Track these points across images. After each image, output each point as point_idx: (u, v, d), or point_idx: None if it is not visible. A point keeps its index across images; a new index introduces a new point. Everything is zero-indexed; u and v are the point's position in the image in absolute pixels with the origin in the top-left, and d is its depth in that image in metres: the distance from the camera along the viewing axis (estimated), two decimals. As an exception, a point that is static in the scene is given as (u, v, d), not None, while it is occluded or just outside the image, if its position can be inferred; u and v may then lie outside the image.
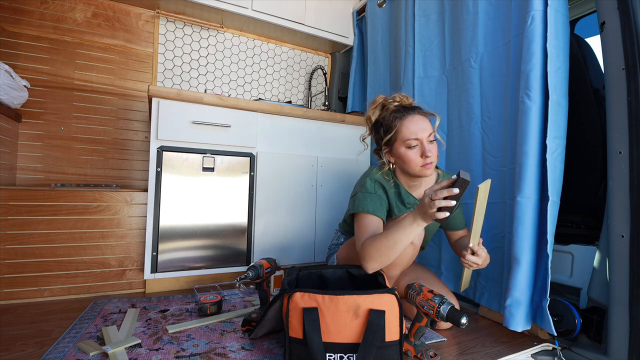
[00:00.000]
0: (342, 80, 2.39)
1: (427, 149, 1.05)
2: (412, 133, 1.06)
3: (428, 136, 1.06)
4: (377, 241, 0.96)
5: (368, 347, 0.77)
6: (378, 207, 1.08)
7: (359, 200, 1.10)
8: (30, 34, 1.72)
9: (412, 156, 1.06)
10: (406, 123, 1.07)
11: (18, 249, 1.27)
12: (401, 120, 1.08)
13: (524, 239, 1.05)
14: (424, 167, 1.06)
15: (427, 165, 1.06)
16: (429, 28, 1.60)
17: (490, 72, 1.31)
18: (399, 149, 1.09)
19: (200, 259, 1.50)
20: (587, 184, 1.24)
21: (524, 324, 1.05)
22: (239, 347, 0.96)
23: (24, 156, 1.70)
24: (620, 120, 0.94)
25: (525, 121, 1.06)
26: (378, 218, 1.07)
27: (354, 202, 1.13)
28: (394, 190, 1.15)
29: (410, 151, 1.06)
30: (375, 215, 1.07)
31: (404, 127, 1.07)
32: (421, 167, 1.07)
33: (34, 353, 0.90)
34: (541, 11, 1.05)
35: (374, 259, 0.97)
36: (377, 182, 1.13)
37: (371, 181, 1.12)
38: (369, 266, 0.98)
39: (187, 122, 1.45)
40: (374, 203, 1.08)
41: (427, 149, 1.05)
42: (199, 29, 2.09)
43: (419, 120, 1.08)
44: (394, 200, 1.14)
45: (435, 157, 1.07)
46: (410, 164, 1.07)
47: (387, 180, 1.14)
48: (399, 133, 1.08)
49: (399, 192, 1.15)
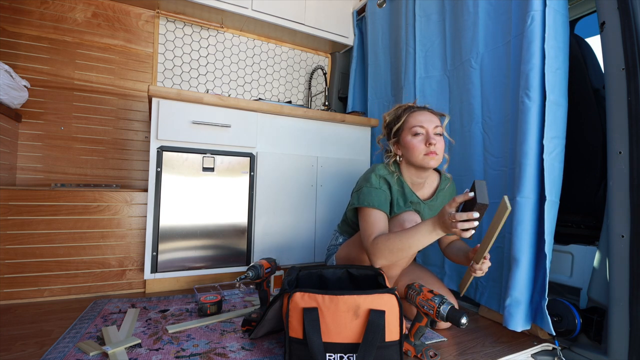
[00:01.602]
0: (342, 80, 2.39)
1: (431, 137, 1.08)
2: (418, 122, 1.10)
3: (434, 127, 1.10)
4: (390, 241, 0.98)
5: (368, 347, 0.77)
6: (383, 202, 1.10)
7: (363, 194, 1.11)
8: (30, 34, 1.72)
9: (416, 144, 1.09)
10: (414, 114, 1.13)
11: (18, 249, 1.27)
12: (410, 112, 1.13)
13: (523, 239, 1.05)
14: (427, 155, 1.08)
15: (431, 154, 1.08)
16: (430, 28, 1.60)
17: (490, 72, 1.31)
18: (405, 137, 1.12)
19: (200, 259, 1.50)
20: (587, 184, 1.24)
21: (523, 324, 1.05)
22: (239, 347, 0.96)
23: (24, 156, 1.70)
24: (620, 120, 0.94)
25: (525, 121, 1.06)
26: (383, 213, 1.09)
27: (358, 197, 1.13)
28: (398, 188, 1.16)
29: (415, 138, 1.09)
30: (381, 210, 1.08)
31: (411, 117, 1.12)
32: (424, 156, 1.08)
33: (34, 353, 0.90)
34: (540, 11, 1.05)
35: (384, 257, 1.00)
36: (382, 178, 1.13)
37: (376, 176, 1.13)
38: (377, 262, 1.02)
39: (187, 122, 1.45)
40: (379, 198, 1.09)
41: (431, 137, 1.08)
42: (199, 29, 2.09)
43: (427, 113, 1.12)
44: (396, 197, 1.15)
45: (440, 150, 1.09)
46: (414, 151, 1.09)
47: (391, 175, 1.15)
48: (406, 122, 1.12)
49: (403, 190, 1.16)
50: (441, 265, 1.53)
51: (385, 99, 1.94)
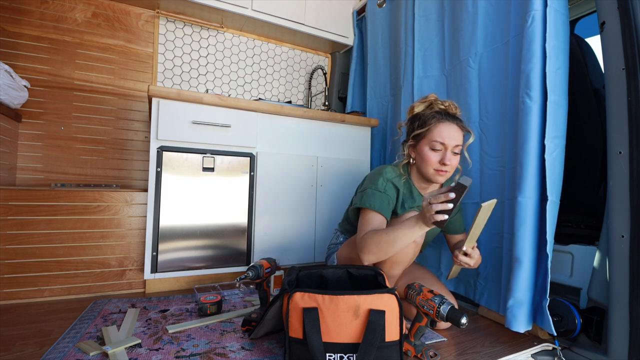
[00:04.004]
0: (342, 80, 2.40)
1: (447, 157, 1.06)
2: (440, 136, 1.07)
3: (454, 146, 1.07)
4: (377, 235, 0.99)
5: (368, 347, 0.77)
6: (385, 206, 1.10)
7: (367, 196, 1.11)
8: (30, 34, 1.72)
9: (431, 158, 1.08)
10: (440, 126, 1.08)
11: (18, 249, 1.27)
12: (438, 121, 1.08)
13: (525, 239, 1.05)
14: (437, 172, 1.08)
15: (441, 172, 1.08)
16: (429, 28, 1.60)
17: (489, 72, 1.31)
18: (423, 147, 1.10)
19: (200, 259, 1.50)
20: (587, 184, 1.24)
21: (526, 324, 1.05)
22: (239, 347, 0.96)
23: (24, 156, 1.70)
24: (620, 120, 0.94)
25: (526, 121, 1.06)
26: (383, 217, 1.09)
27: (361, 197, 1.13)
28: (406, 191, 1.16)
29: (432, 153, 1.08)
30: (381, 213, 1.08)
31: (436, 129, 1.08)
32: (434, 171, 1.08)
33: (34, 353, 0.90)
34: (541, 11, 1.05)
35: (371, 252, 1.00)
36: (389, 182, 1.13)
37: (384, 180, 1.12)
38: (365, 258, 1.02)
39: (187, 122, 1.45)
40: (382, 201, 1.09)
41: (447, 157, 1.06)
42: (199, 29, 2.09)
43: (453, 128, 1.08)
44: (402, 200, 1.15)
45: (452, 168, 1.09)
46: (427, 164, 1.09)
47: (399, 178, 1.14)
48: (429, 132, 1.09)
49: (412, 193, 1.16)
50: (437, 266, 1.53)
51: (384, 98, 1.94)
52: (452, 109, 1.12)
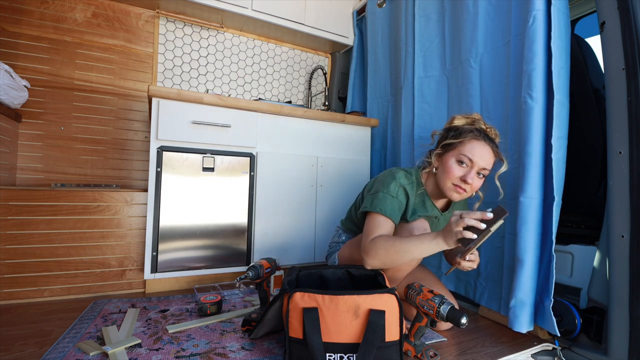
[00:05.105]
0: (342, 80, 2.39)
1: (471, 175, 1.01)
2: (471, 152, 1.01)
3: (481, 168, 1.02)
4: (388, 243, 0.96)
5: (368, 347, 0.77)
6: (395, 212, 1.06)
7: (378, 199, 1.07)
8: (30, 34, 1.72)
9: (454, 171, 1.03)
10: (474, 142, 1.02)
11: (18, 249, 1.26)
12: (473, 137, 1.03)
13: (528, 240, 1.05)
14: (455, 187, 1.03)
15: (459, 189, 1.03)
16: (429, 28, 1.60)
17: (490, 72, 1.31)
18: (450, 158, 1.05)
19: (200, 259, 1.50)
20: (587, 184, 1.24)
21: (528, 325, 1.05)
22: (239, 347, 0.96)
23: (24, 156, 1.70)
24: (620, 120, 0.94)
25: (528, 121, 1.06)
26: (392, 222, 1.05)
27: (372, 200, 1.09)
28: (418, 200, 1.13)
29: (456, 166, 1.03)
30: (391, 219, 1.05)
31: (469, 143, 1.02)
32: (452, 186, 1.04)
33: (34, 353, 0.90)
34: (542, 11, 1.05)
35: (378, 257, 0.97)
36: (401, 187, 1.09)
37: (396, 185, 1.08)
38: (369, 262, 0.99)
39: (187, 122, 1.45)
40: (393, 207, 1.06)
41: (471, 175, 1.01)
42: (199, 29, 2.09)
43: (487, 150, 1.02)
44: (413, 207, 1.12)
45: (471, 190, 1.04)
46: (447, 176, 1.04)
47: (412, 185, 1.10)
48: (461, 144, 1.03)
49: (424, 203, 1.14)
50: (438, 266, 1.53)
51: (384, 98, 1.94)
52: (492, 133, 1.07)
